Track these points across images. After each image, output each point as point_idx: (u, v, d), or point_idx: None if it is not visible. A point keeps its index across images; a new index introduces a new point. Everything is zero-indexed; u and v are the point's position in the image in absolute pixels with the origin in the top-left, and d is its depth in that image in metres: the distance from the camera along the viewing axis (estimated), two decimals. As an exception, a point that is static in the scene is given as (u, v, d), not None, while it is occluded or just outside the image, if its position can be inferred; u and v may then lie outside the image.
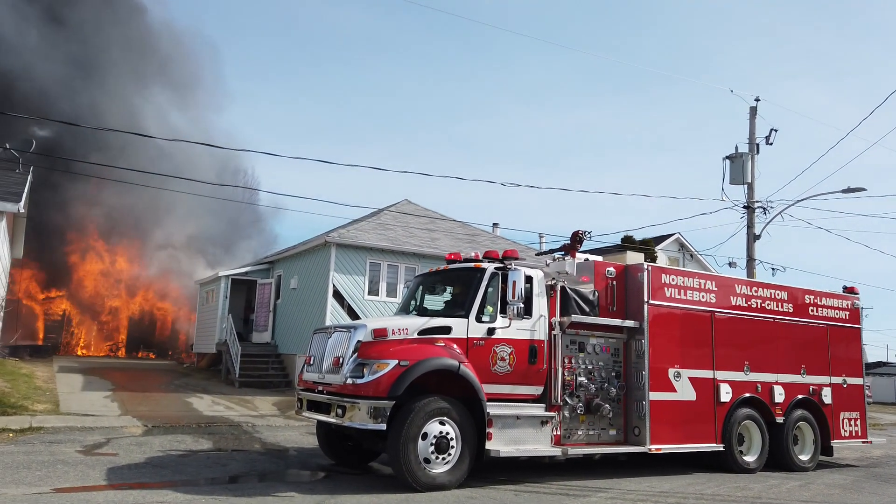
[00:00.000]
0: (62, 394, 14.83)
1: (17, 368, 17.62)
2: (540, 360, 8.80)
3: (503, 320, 8.53)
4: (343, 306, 18.77)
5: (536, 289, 9.01)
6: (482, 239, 23.41)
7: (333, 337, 8.50)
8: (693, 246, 32.34)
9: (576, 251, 10.01)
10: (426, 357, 7.85)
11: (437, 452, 7.66)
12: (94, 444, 9.69)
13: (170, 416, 12.96)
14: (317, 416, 8.38)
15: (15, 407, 12.17)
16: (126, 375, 20.55)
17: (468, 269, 9.12)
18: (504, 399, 8.49)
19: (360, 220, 22.19)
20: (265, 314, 23.22)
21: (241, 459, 9.31)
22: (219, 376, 21.69)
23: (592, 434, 9.24)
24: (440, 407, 7.75)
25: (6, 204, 13.53)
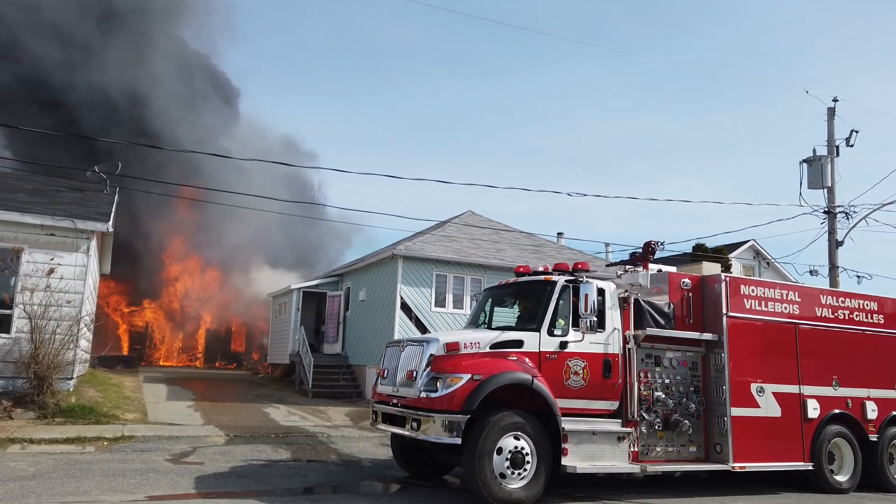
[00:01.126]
0: (149, 403, 15.59)
1: (107, 378, 18.63)
2: (615, 375, 8.65)
3: (576, 334, 8.45)
4: (411, 318, 18.99)
5: (609, 301, 8.89)
6: (548, 249, 23.24)
7: (406, 350, 8.62)
8: (769, 253, 31.05)
9: (648, 262, 9.83)
10: (499, 371, 7.85)
11: (512, 467, 7.63)
12: (182, 453, 10.14)
13: (249, 425, 13.41)
14: (392, 428, 8.50)
15: (108, 416, 12.87)
16: (206, 385, 21.40)
17: (538, 282, 9.08)
18: (578, 414, 8.39)
19: (425, 233, 22.42)
20: (335, 326, 23.75)
21: (318, 470, 9.54)
22: (292, 386, 22.28)
23: (671, 451, 9.00)
24: (515, 422, 7.73)
25: (96, 224, 14.36)
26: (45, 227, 13.79)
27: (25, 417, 12.02)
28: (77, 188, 17.61)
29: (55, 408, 12.46)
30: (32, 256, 13.61)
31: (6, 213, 13.56)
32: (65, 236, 13.98)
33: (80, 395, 13.95)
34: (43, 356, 12.57)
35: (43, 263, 13.58)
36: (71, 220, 14.01)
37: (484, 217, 24.77)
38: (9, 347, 13.04)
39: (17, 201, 14.61)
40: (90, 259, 14.43)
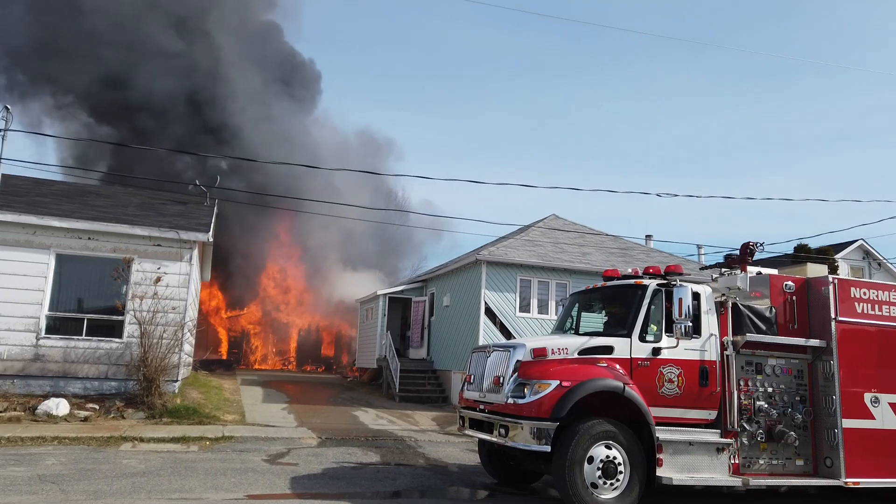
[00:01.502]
0: (247, 405, 16.32)
1: (208, 381, 19.67)
2: (712, 383, 8.25)
3: (669, 340, 8.12)
4: (495, 323, 18.93)
5: (705, 306, 8.49)
6: (635, 252, 22.57)
7: (492, 356, 8.56)
8: (881, 253, 28.81)
9: (747, 264, 9.34)
10: (589, 378, 7.66)
11: (604, 477, 7.42)
12: (277, 454, 10.52)
13: (340, 428, 13.76)
14: (479, 434, 8.47)
15: (209, 417, 13.57)
16: (298, 388, 22.17)
17: (628, 286, 8.79)
18: (673, 423, 8.05)
19: (509, 237, 22.32)
20: (420, 331, 24.04)
21: (407, 474, 9.64)
22: (380, 390, 22.71)
23: (776, 464, 8.47)
24: (606, 430, 7.52)
25: (197, 234, 15.23)
26: (153, 238, 14.75)
27: (136, 417, 12.86)
28: (180, 201, 18.74)
29: (162, 408, 13.26)
30: (141, 266, 14.57)
31: (119, 225, 14.60)
32: (170, 246, 14.90)
33: (185, 397, 14.78)
34: (151, 360, 13.42)
35: (150, 272, 14.51)
36: (175, 232, 14.91)
37: (568, 220, 24.39)
38: (121, 351, 14.01)
39: (127, 214, 15.73)
40: (192, 267, 15.30)
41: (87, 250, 14.38)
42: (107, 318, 14.25)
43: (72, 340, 13.88)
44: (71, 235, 14.27)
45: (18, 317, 13.59)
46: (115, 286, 14.41)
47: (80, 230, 14.33)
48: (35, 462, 8.79)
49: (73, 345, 13.86)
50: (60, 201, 15.95)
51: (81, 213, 14.99)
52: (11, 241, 13.85)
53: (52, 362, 13.65)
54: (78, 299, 14.46)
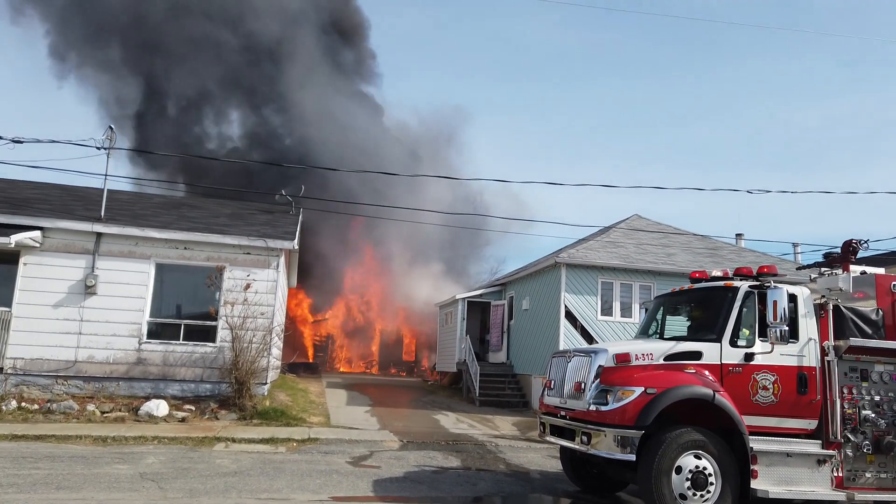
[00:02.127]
0: (331, 408, 16.76)
1: (295, 384, 20.36)
2: (811, 390, 7.75)
3: (763, 345, 7.69)
4: (576, 327, 18.57)
5: (802, 308, 7.99)
6: (725, 252, 21.58)
7: (573, 361, 8.38)
8: None
9: (849, 263, 8.73)
10: (676, 384, 7.36)
11: (693, 489, 7.10)
12: (360, 456, 10.73)
13: (421, 432, 13.88)
14: (561, 441, 8.30)
15: (296, 419, 14.02)
16: (380, 391, 22.57)
17: (718, 288, 8.40)
18: (768, 433, 7.62)
19: (589, 239, 21.86)
20: (499, 335, 23.92)
21: (487, 479, 9.59)
22: (460, 394, 22.76)
23: (885, 478, 7.84)
24: (695, 439, 7.20)
25: (284, 242, 15.80)
26: (243, 246, 15.43)
27: (228, 419, 13.47)
28: (267, 210, 19.52)
29: (252, 410, 13.82)
30: (232, 273, 15.26)
31: (212, 235, 15.37)
32: (258, 254, 15.53)
33: (273, 399, 15.35)
34: (242, 363, 14.03)
35: (241, 279, 15.18)
36: (263, 240, 15.53)
37: (651, 220, 23.64)
38: (214, 355, 14.71)
39: (219, 224, 16.53)
40: (279, 274, 15.89)
41: (183, 259, 15.20)
42: (201, 324, 15.01)
43: (170, 345, 14.70)
44: (169, 245, 15.13)
45: (123, 323, 14.54)
46: (208, 293, 15.16)
47: (176, 240, 15.18)
48: (137, 460, 9.35)
49: (172, 349, 14.68)
50: (159, 213, 16.96)
51: (178, 225, 15.88)
52: (116, 252, 14.84)
53: (153, 366, 14.51)
54: (175, 306, 15.30)
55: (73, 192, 18.08)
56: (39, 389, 13.80)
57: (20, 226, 14.05)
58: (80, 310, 14.34)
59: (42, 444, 10.26)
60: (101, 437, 10.88)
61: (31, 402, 13.21)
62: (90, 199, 16.70)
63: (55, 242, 14.49)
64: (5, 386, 13.65)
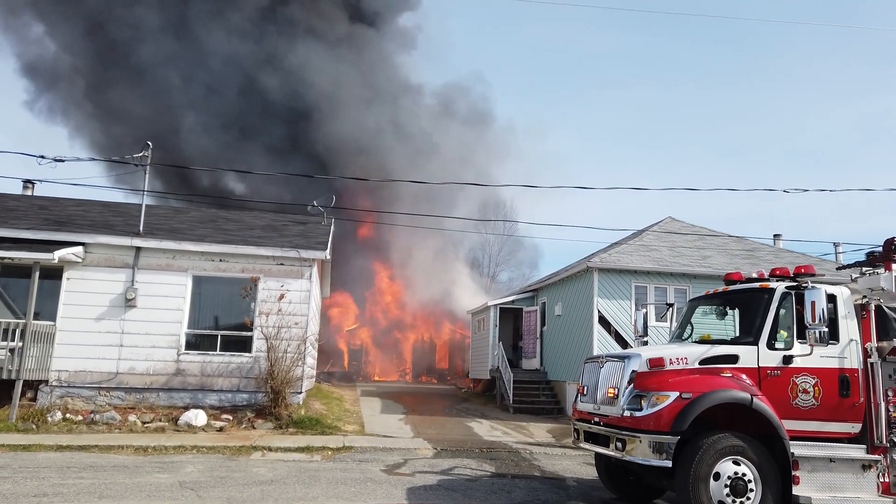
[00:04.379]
0: (365, 416, 16.85)
1: (330, 392, 20.54)
2: (854, 393, 7.52)
3: (802, 347, 7.50)
4: (610, 332, 18.36)
5: (842, 309, 7.78)
6: (762, 253, 21.12)
7: (606, 367, 8.29)
8: None
9: (892, 262, 8.45)
10: (712, 389, 7.22)
11: (732, 495, 6.94)
12: (394, 464, 10.76)
13: (455, 439, 13.86)
14: (595, 448, 8.20)
15: (331, 427, 14.14)
16: (414, 399, 22.60)
17: (753, 289, 8.24)
18: (809, 437, 7.41)
19: (622, 243, 21.61)
20: (532, 341, 23.78)
21: (522, 487, 9.52)
22: (493, 401, 22.66)
23: (935, 484, 7.56)
24: (733, 445, 7.05)
25: (316, 252, 16.01)
26: (276, 257, 15.68)
27: (264, 427, 13.65)
28: (300, 221, 19.78)
29: (288, 419, 13.98)
30: (267, 284, 15.51)
31: (246, 247, 15.66)
32: (291, 265, 15.76)
33: (308, 408, 15.50)
34: (277, 373, 14.22)
35: (275, 290, 15.41)
36: (296, 251, 15.76)
37: (685, 223, 23.26)
38: (250, 365, 14.95)
39: (253, 236, 16.83)
40: (312, 284, 16.08)
41: (218, 271, 15.51)
42: (237, 335, 15.28)
43: (207, 355, 14.99)
44: (205, 258, 15.46)
45: (162, 335, 14.88)
46: (243, 304, 15.43)
47: (212, 253, 15.50)
48: (176, 469, 9.54)
49: (209, 359, 14.96)
50: (195, 227, 17.34)
51: (213, 237, 16.22)
52: (154, 265, 15.21)
53: (191, 376, 14.81)
54: (212, 317, 15.62)
55: (113, 207, 18.61)
56: (83, 401, 14.19)
57: (63, 242, 14.53)
58: (121, 322, 14.73)
59: (85, 454, 10.55)
60: (141, 447, 11.14)
61: (75, 413, 13.60)
62: (129, 214, 17.17)
63: (96, 257, 14.93)
64: (51, 398, 14.08)
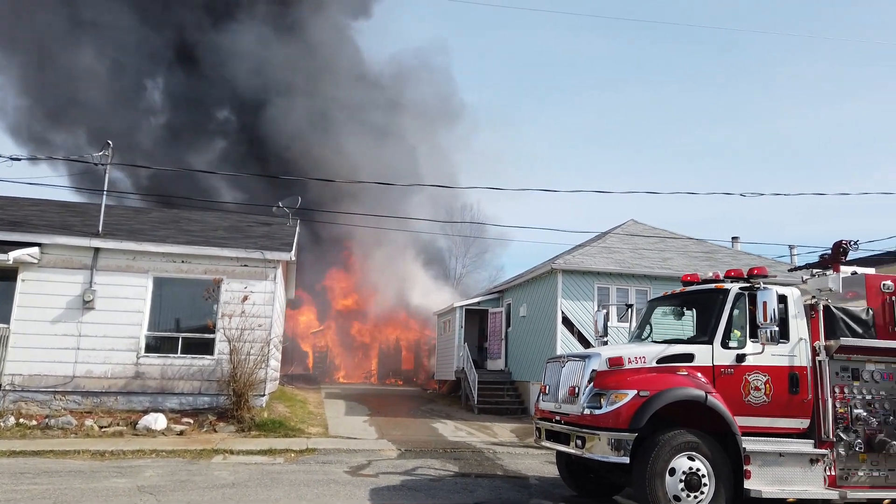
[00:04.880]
0: (330, 418, 16.77)
1: (293, 395, 20.37)
2: (803, 390, 7.82)
3: (755, 346, 7.76)
4: (573, 333, 18.64)
5: (793, 309, 8.08)
6: (721, 255, 21.68)
7: (567, 366, 8.45)
8: None
9: (839, 264, 8.82)
10: (668, 387, 7.43)
11: (687, 490, 7.16)
12: (358, 466, 10.76)
13: (419, 440, 13.90)
14: (556, 446, 8.36)
15: (294, 430, 14.05)
16: (379, 401, 22.56)
17: (709, 290, 8.49)
18: (761, 433, 7.68)
19: (585, 245, 21.96)
20: (497, 342, 23.98)
21: (485, 486, 9.62)
22: (459, 402, 22.77)
23: (877, 476, 7.90)
24: (688, 441, 7.27)
25: (281, 254, 15.87)
26: (240, 258, 15.50)
27: (226, 431, 13.49)
28: (265, 222, 19.59)
29: (250, 422, 13.84)
30: (230, 286, 15.32)
31: (209, 248, 15.45)
32: (255, 266, 15.60)
33: (271, 411, 15.37)
34: (240, 375, 14.06)
35: (238, 291, 15.24)
36: (260, 252, 15.61)
37: (647, 225, 23.75)
38: (212, 368, 14.75)
39: (216, 237, 16.61)
40: (277, 285, 15.94)
41: (180, 273, 15.27)
42: (199, 337, 15.05)
43: (168, 358, 14.74)
44: (166, 259, 15.20)
45: (121, 337, 14.57)
46: (206, 306, 15.21)
47: (174, 254, 15.25)
48: (135, 474, 9.38)
49: (170, 362, 14.71)
50: (157, 227, 17.04)
51: (175, 238, 15.96)
52: (114, 266, 14.90)
53: (151, 379, 14.54)
54: (174, 319, 15.35)
55: (71, 207, 18.17)
56: (38, 405, 13.82)
57: (18, 242, 14.13)
58: (79, 325, 14.39)
59: (40, 460, 10.28)
60: (99, 452, 10.91)
61: (29, 417, 13.24)
62: (88, 214, 16.78)
63: (53, 258, 14.56)
64: (4, 402, 13.68)
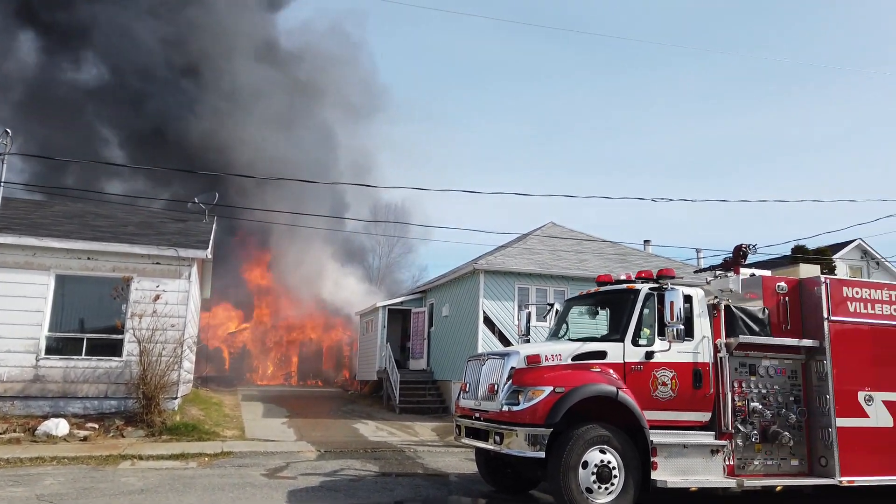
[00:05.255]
0: (247, 421, 16.33)
1: (209, 398, 19.69)
2: (706, 385, 8.29)
3: (662, 343, 8.17)
4: (494, 332, 18.96)
5: (697, 309, 8.55)
6: (633, 258, 22.62)
7: (487, 364, 8.61)
8: (879, 252, 28.83)
9: (740, 266, 9.40)
10: (582, 383, 7.71)
11: (599, 482, 7.45)
12: (276, 468, 10.54)
13: (339, 441, 13.77)
14: (475, 442, 8.50)
15: (209, 433, 13.59)
16: (299, 403, 22.16)
17: (620, 290, 8.86)
18: (668, 426, 8.09)
19: (507, 246, 22.39)
20: (420, 342, 24.06)
21: (405, 485, 9.65)
22: (381, 402, 22.69)
23: (771, 464, 8.49)
24: (600, 435, 7.56)
25: (196, 251, 15.31)
26: (152, 256, 14.84)
27: (135, 435, 12.88)
28: (179, 219, 18.84)
29: (162, 426, 13.28)
30: (141, 284, 14.65)
31: (118, 244, 14.71)
32: (168, 264, 14.98)
33: (185, 414, 14.80)
34: (150, 377, 13.45)
35: (150, 290, 14.59)
36: (174, 249, 15.00)
37: (566, 228, 24.48)
38: (120, 370, 14.05)
39: (126, 233, 15.83)
40: (191, 284, 15.36)
41: (86, 270, 14.46)
42: (106, 338, 14.31)
43: (71, 360, 13.93)
44: (71, 256, 14.36)
45: (18, 338, 13.64)
46: (114, 305, 14.48)
47: (79, 250, 14.42)
48: (34, 482, 8.82)
49: (73, 365, 13.91)
50: (60, 222, 16.06)
51: (81, 234, 15.09)
52: (11, 263, 13.94)
53: (52, 382, 13.70)
54: (78, 319, 14.52)
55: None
56: (-79, 412, 12.74)
57: None
58: (-30, 325, 13.36)
59: (-76, 471, 9.49)
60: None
61: (-89, 426, 12.18)
62: (-18, 207, 15.60)
63: (-59, 253, 13.46)
64: None
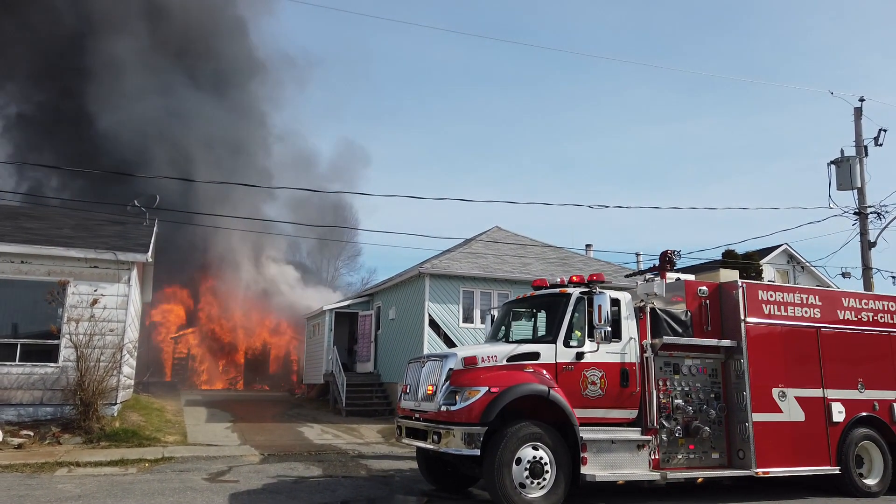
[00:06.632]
0: (189, 426, 16.15)
1: (150, 403, 19.30)
2: (632, 384, 8.78)
3: (591, 344, 8.61)
4: (439, 335, 19.27)
5: (624, 311, 9.03)
6: (575, 261, 23.31)
7: (427, 366, 8.89)
8: (803, 257, 30.47)
9: (666, 271, 9.94)
10: (516, 383, 8.07)
11: (531, 477, 7.81)
12: (218, 472, 10.55)
13: (284, 444, 13.81)
14: (415, 442, 8.77)
15: (150, 439, 13.42)
16: (244, 407, 21.96)
17: (554, 294, 9.28)
18: (597, 423, 8.53)
19: (453, 250, 22.74)
20: (367, 345, 24.16)
21: (348, 486, 9.83)
22: (327, 406, 22.70)
23: (693, 458, 9.05)
24: (532, 432, 7.93)
25: (136, 255, 15.07)
26: (89, 259, 14.54)
27: (72, 442, 12.63)
28: (118, 221, 18.45)
29: (100, 432, 13.05)
30: (77, 288, 14.34)
31: (53, 248, 14.36)
32: (107, 268, 14.70)
33: (124, 420, 14.56)
34: (88, 383, 13.21)
35: (87, 294, 14.29)
36: (112, 253, 14.73)
37: (511, 232, 25.00)
38: (56, 376, 13.73)
39: (62, 236, 15.45)
40: (131, 288, 15.11)
41: (20, 274, 14.08)
42: (41, 343, 13.95)
43: (4, 367, 13.53)
44: (2, 259, 13.96)
45: (-54, 344, 13.19)
46: (49, 310, 14.12)
47: (11, 254, 14.04)
48: (-36, 491, 8.63)
49: (6, 371, 13.52)
50: (-10, 225, 15.55)
51: (13, 237, 14.67)
52: (-63, 266, 13.46)
53: (-17, 390, 13.28)
54: (11, 324, 14.11)
55: None
56: None
57: None
58: None
59: None
60: (-82, 471, 9.86)
61: None
62: None
63: None
64: None
